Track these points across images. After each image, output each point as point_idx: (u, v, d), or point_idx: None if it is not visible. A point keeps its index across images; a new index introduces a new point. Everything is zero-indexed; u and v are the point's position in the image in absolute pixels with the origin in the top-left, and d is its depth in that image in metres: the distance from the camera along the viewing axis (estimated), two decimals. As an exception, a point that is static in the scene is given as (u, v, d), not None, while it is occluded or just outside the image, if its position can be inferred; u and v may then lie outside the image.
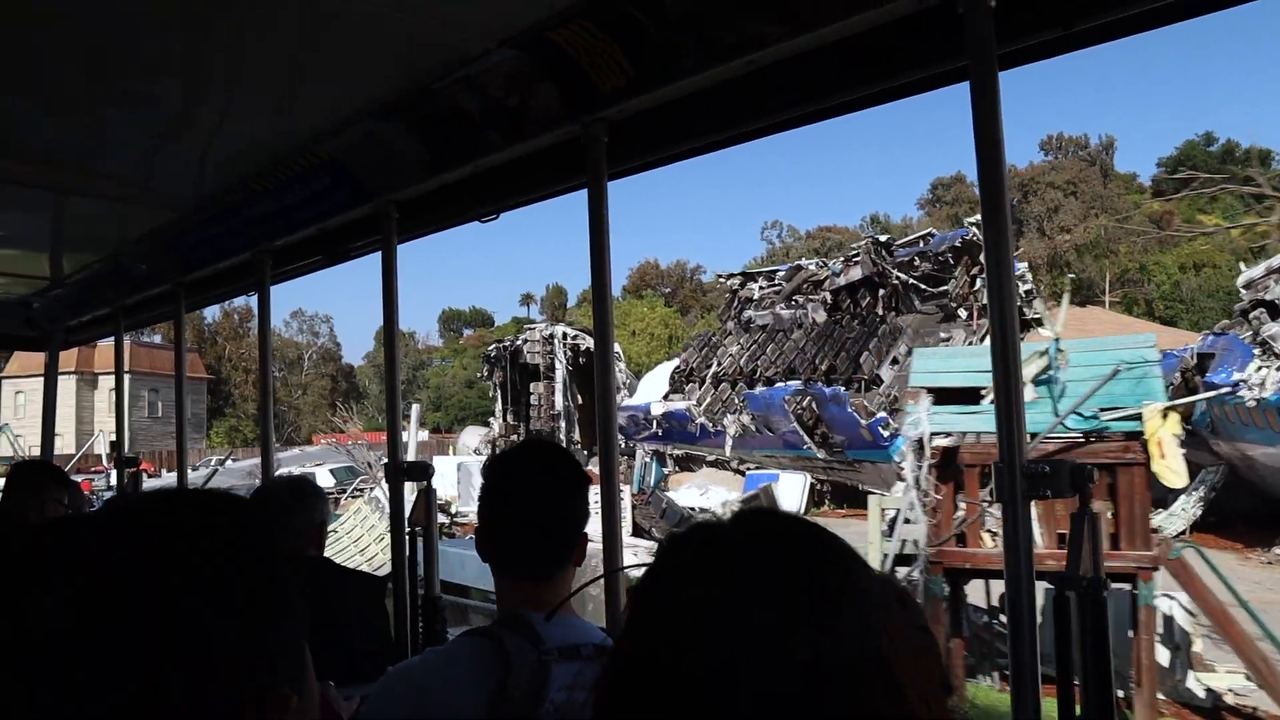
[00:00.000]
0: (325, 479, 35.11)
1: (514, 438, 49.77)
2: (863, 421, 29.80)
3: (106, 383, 69.29)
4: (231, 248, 4.98)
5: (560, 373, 47.12)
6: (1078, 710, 2.08)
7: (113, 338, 6.10)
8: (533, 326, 51.63)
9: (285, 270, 5.04)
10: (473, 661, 2.05)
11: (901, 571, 10.63)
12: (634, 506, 25.33)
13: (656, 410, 38.73)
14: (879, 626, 0.89)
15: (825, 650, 0.84)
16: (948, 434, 11.02)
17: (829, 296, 36.93)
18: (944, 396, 11.59)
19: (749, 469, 35.55)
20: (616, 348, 50.17)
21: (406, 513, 3.79)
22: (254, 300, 4.21)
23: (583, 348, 47.24)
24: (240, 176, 4.20)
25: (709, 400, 37.98)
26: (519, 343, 50.97)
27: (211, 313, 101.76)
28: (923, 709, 0.88)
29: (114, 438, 10.63)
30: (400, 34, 2.81)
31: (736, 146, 2.94)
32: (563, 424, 47.53)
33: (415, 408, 34.31)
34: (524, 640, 2.05)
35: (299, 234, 4.50)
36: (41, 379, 8.01)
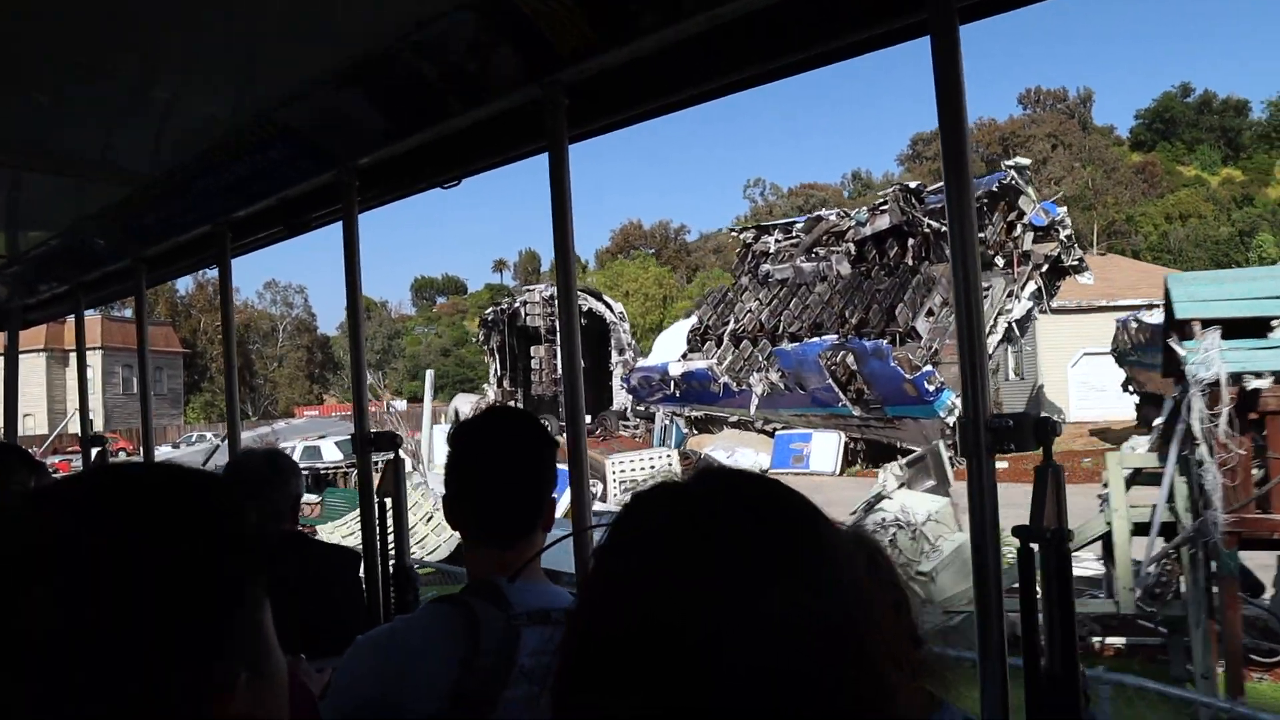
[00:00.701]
0: (332, 453, 33.63)
1: (511, 404, 48.94)
2: (907, 376, 28.63)
3: None
4: (191, 221, 4.90)
5: (559, 336, 45.71)
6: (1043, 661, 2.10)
7: (136, 296, 5.92)
8: (532, 288, 50.29)
9: (246, 242, 4.97)
10: (441, 628, 2.05)
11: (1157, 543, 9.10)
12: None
13: (675, 370, 37.36)
14: (850, 584, 0.89)
15: (798, 609, 0.84)
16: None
17: (852, 248, 35.40)
18: (1233, 329, 9.18)
19: (776, 429, 33.88)
20: (620, 308, 49.16)
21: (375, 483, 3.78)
22: (239, 266, 4.14)
23: (585, 309, 45.71)
24: (197, 148, 4.12)
25: (729, 359, 36.63)
26: (518, 305, 49.88)
27: (185, 284, 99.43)
28: (892, 665, 0.89)
29: (92, 416, 10.43)
30: (355, -2, 2.76)
31: (715, 104, 2.92)
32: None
33: (429, 374, 32.70)
34: (492, 606, 2.05)
35: (259, 205, 4.43)
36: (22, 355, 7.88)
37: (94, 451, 6.88)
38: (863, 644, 0.87)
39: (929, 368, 29.06)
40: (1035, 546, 2.09)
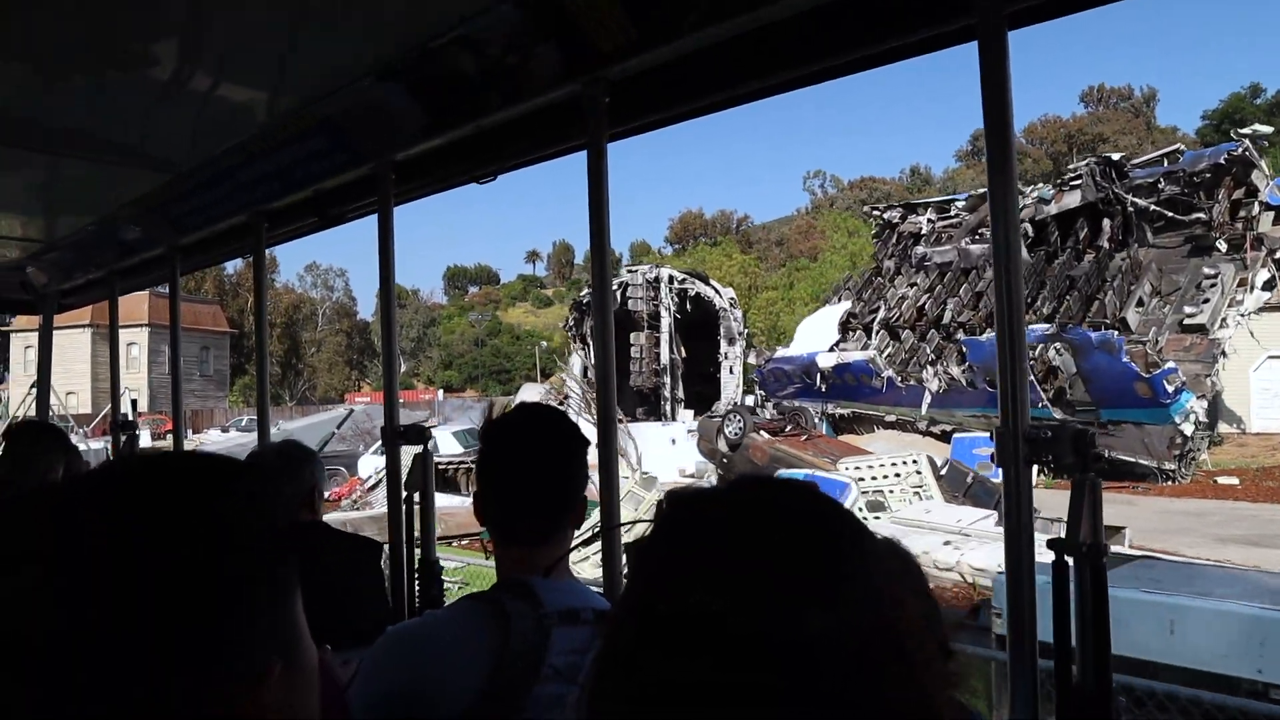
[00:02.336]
0: (449, 445, 28.41)
1: (593, 395, 48.02)
2: (1143, 374, 24.88)
3: (126, 336, 64.70)
4: (226, 210, 4.94)
5: (666, 321, 42.30)
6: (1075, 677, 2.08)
7: (170, 284, 5.95)
8: (634, 269, 46.63)
9: (281, 233, 5.00)
10: (472, 624, 2.04)
11: None
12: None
13: (825, 362, 33.23)
14: (886, 593, 0.88)
15: (837, 621, 0.83)
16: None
17: (1029, 228, 31.41)
18: None
19: (948, 431, 28.56)
20: (731, 293, 45.38)
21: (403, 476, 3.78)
22: (281, 250, 4.18)
23: (692, 293, 42.94)
24: (235, 139, 4.15)
25: (888, 350, 33.07)
26: (615, 287, 45.39)
27: (234, 262, 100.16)
28: (926, 674, 0.87)
29: (136, 396, 10.42)
30: (398, -9, 2.77)
31: (776, 99, 2.90)
32: (667, 379, 42.60)
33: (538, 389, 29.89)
34: (524, 604, 2.04)
35: (295, 196, 4.46)
36: (59, 332, 7.94)
37: (123, 438, 6.95)
38: (903, 654, 0.85)
39: (1170, 364, 25.22)
40: (1070, 560, 2.06)
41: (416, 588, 3.67)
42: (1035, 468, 2.11)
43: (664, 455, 28.87)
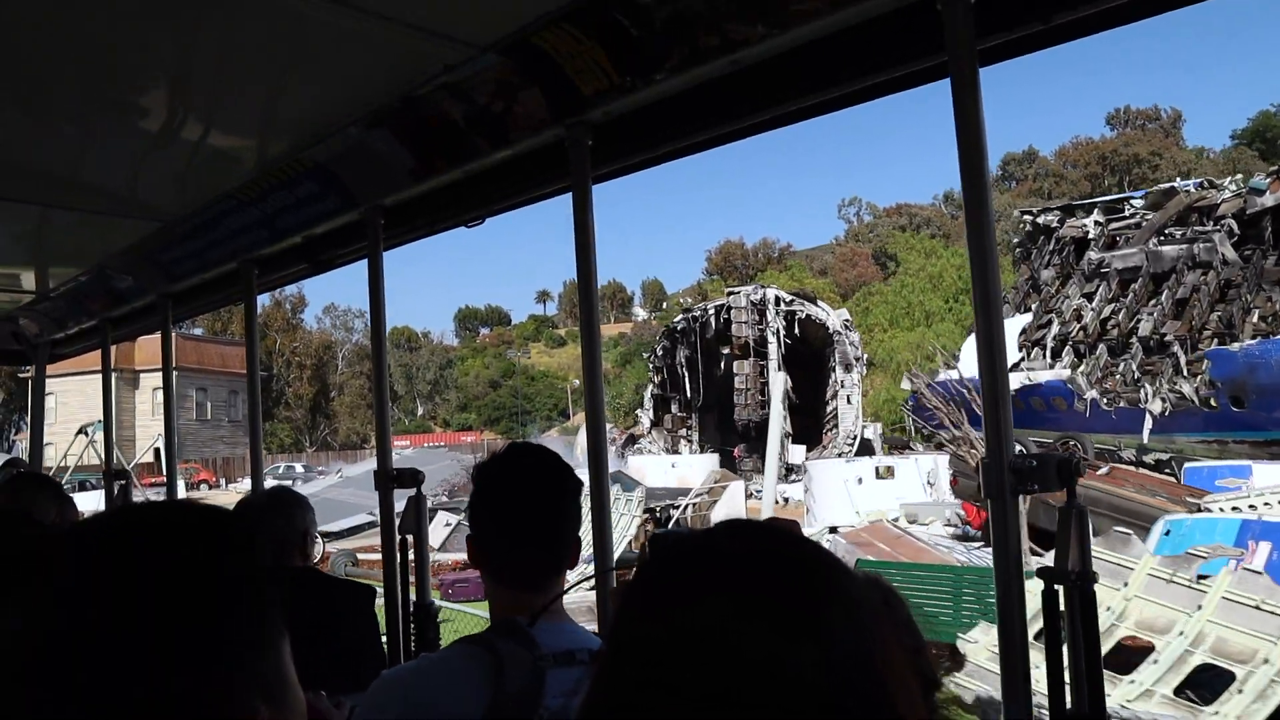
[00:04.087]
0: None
1: (682, 432, 42.34)
2: None
3: (150, 380, 63.03)
4: (217, 258, 4.97)
5: (775, 349, 37.66)
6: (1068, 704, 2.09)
7: (157, 334, 5.95)
8: (737, 291, 41.84)
9: (271, 279, 5.03)
10: (466, 667, 2.04)
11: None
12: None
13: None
14: (870, 631, 0.89)
15: (820, 661, 0.84)
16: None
17: (1234, 225, 28.34)
18: None
19: (1168, 460, 24.04)
20: (845, 315, 40.91)
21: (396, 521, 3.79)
22: (305, 288, 4.18)
23: (802, 316, 38.10)
24: (225, 186, 4.19)
25: (1082, 368, 28.51)
26: (710, 312, 40.72)
27: (261, 299, 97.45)
28: (910, 709, 0.89)
29: (160, 445, 10.33)
30: (385, 42, 2.81)
31: (803, 125, 2.91)
32: (775, 410, 35.54)
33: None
34: (518, 646, 2.04)
35: (285, 242, 4.49)
36: (76, 377, 7.94)
37: (116, 486, 6.92)
38: (883, 689, 0.87)
39: None
40: (1060, 588, 2.08)
41: (412, 631, 3.66)
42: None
43: (843, 497, 24.08)
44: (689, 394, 41.95)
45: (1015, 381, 26.83)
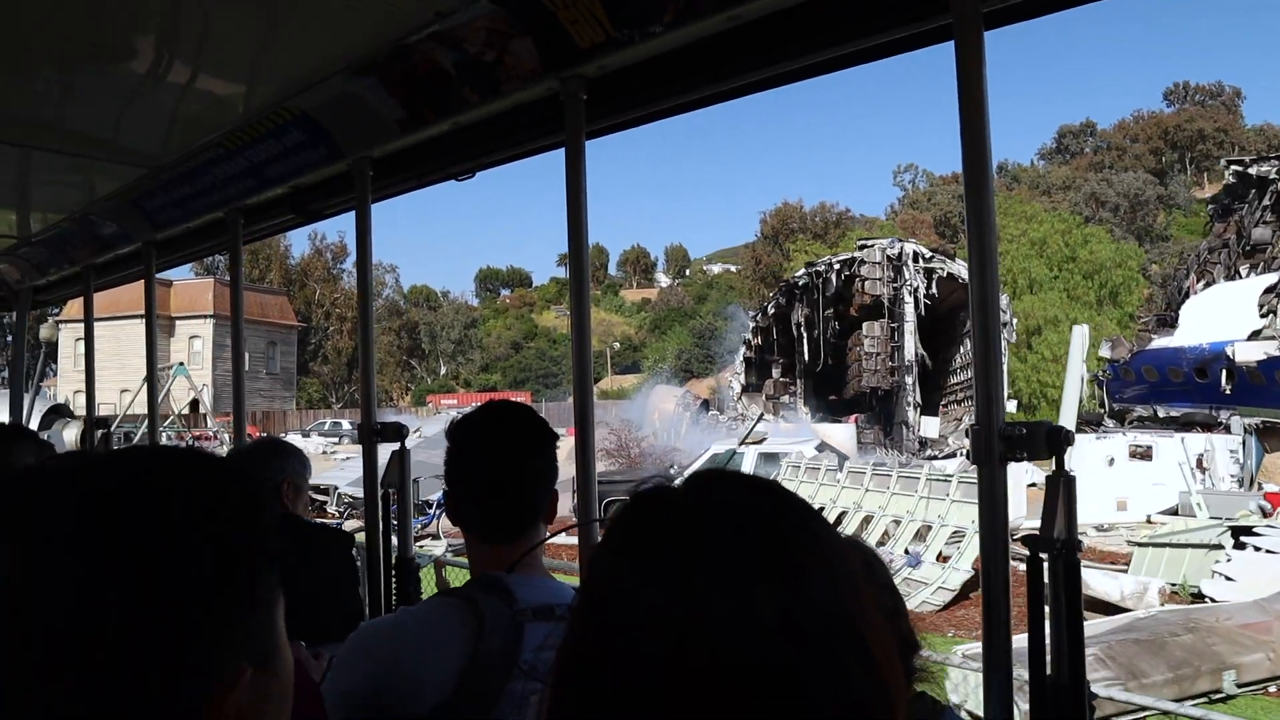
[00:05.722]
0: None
1: (785, 398, 40.34)
2: None
3: (186, 328, 62.11)
4: (202, 206, 4.90)
5: (910, 309, 34.94)
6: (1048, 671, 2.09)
7: (194, 280, 5.89)
8: (870, 243, 38.17)
9: (258, 229, 4.97)
10: (446, 620, 2.05)
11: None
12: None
13: (1247, 355, 24.46)
14: (846, 587, 0.89)
15: (793, 612, 0.84)
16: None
17: None
18: None
19: None
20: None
21: (379, 474, 3.78)
22: (350, 237, 4.07)
23: (942, 274, 34.87)
24: (211, 134, 4.12)
25: None
26: (836, 265, 37.15)
27: (300, 246, 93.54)
28: (889, 667, 0.89)
29: (198, 394, 10.17)
30: (374, -14, 2.76)
31: (858, 89, 2.87)
32: (908, 379, 34.28)
33: (1082, 330, 21.68)
34: (497, 600, 2.05)
35: (271, 192, 4.43)
36: (108, 322, 7.84)
37: (98, 434, 6.89)
38: (862, 644, 0.87)
39: None
40: (1044, 556, 2.08)
41: (394, 585, 3.67)
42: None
43: (1093, 482, 19.94)
44: (806, 357, 38.75)
45: (1255, 352, 24.79)
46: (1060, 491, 2.09)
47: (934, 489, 17.44)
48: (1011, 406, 37.88)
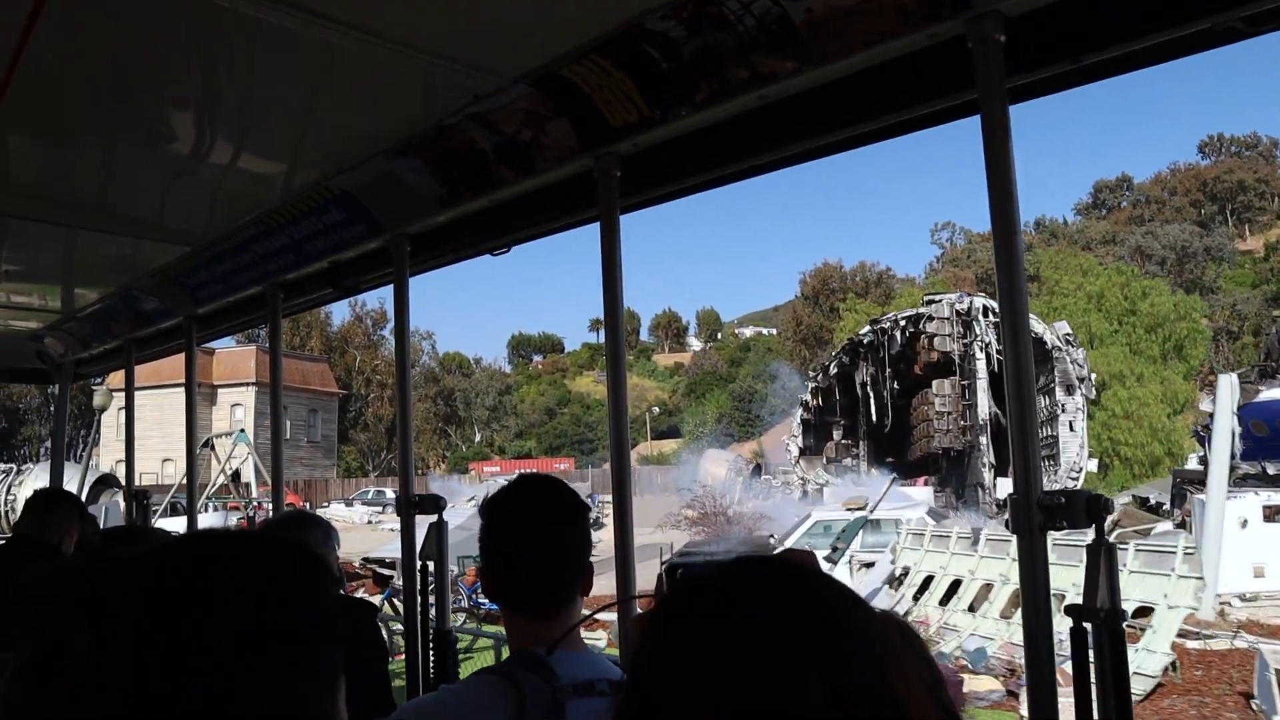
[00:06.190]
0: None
1: (847, 461, 39.32)
2: None
3: (228, 396, 61.65)
4: (243, 281, 5.01)
5: (981, 365, 33.54)
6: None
7: (237, 348, 6.02)
8: (938, 298, 37.04)
9: (296, 303, 5.07)
10: (487, 699, 2.04)
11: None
12: None
13: None
14: (887, 662, 0.91)
15: (840, 689, 0.86)
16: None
17: None
18: None
19: None
20: (1066, 328, 35.72)
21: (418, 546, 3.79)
22: (389, 303, 4.16)
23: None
24: (253, 212, 4.23)
25: None
26: (901, 322, 35.87)
27: (340, 313, 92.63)
28: None
29: (240, 465, 10.18)
30: (415, 72, 2.84)
31: (898, 153, 2.91)
32: (982, 439, 32.69)
33: (1229, 378, 19.58)
34: (537, 677, 2.04)
35: (310, 267, 4.53)
36: (151, 391, 7.95)
37: (134, 506, 6.95)
38: (906, 718, 0.87)
39: None
40: (1089, 626, 2.07)
41: (431, 658, 3.66)
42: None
43: (1228, 547, 17.86)
44: (874, 416, 37.43)
45: None
46: (1101, 560, 2.08)
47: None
48: (1093, 465, 35.76)
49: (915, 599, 17.44)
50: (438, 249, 3.97)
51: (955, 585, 16.80)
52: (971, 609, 15.96)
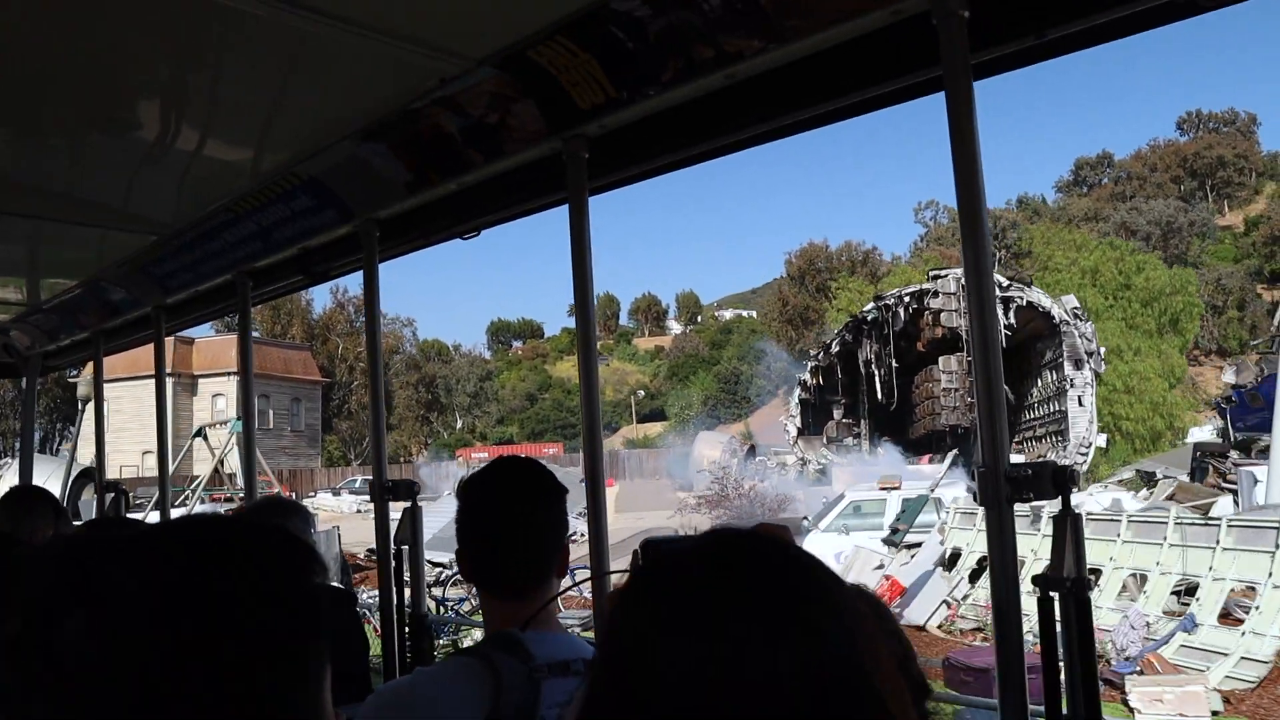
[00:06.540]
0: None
1: (849, 440, 39.04)
2: None
3: (209, 386, 60.61)
4: (212, 270, 4.97)
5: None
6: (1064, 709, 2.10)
7: (217, 337, 5.96)
8: (944, 272, 35.85)
9: (266, 290, 5.03)
10: (463, 681, 2.05)
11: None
12: None
13: None
14: (858, 636, 0.92)
15: (808, 662, 0.87)
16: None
17: None
18: None
19: None
20: (1074, 302, 34.72)
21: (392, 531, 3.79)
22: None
23: (1021, 302, 32.43)
24: (220, 200, 4.20)
25: None
26: (905, 298, 35.05)
27: (322, 300, 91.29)
28: (903, 714, 0.91)
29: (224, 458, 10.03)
30: (380, 56, 2.83)
31: (875, 129, 2.92)
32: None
33: None
34: (513, 658, 2.05)
35: (279, 254, 4.50)
36: (128, 382, 7.82)
37: (108, 498, 6.88)
38: (876, 693, 0.89)
39: None
40: (1055, 595, 2.09)
41: (407, 642, 3.66)
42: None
43: None
44: (879, 396, 36.65)
45: None
46: (1068, 530, 2.11)
47: (1188, 535, 14.45)
48: (1102, 440, 35.21)
49: (972, 581, 16.70)
50: (406, 234, 3.95)
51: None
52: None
